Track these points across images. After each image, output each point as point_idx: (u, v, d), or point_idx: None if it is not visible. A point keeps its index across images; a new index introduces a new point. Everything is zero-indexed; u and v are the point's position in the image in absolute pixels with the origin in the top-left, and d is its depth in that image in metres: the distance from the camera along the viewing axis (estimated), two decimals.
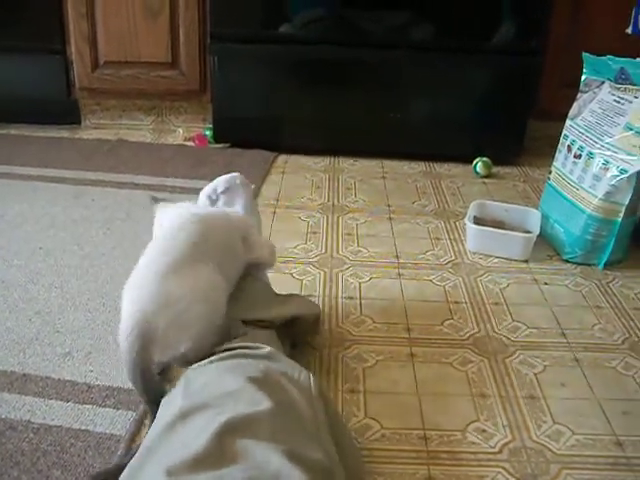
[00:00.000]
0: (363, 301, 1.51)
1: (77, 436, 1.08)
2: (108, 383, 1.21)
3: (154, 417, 1.00)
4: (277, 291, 1.35)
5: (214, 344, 1.13)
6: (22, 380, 1.22)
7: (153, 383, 1.02)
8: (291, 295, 1.42)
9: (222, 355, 1.02)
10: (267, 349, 1.06)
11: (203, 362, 1.03)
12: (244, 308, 1.19)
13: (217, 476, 0.77)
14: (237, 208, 1.40)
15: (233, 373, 0.96)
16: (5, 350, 1.30)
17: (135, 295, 1.06)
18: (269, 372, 0.98)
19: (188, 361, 1.14)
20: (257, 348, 1.06)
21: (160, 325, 1.02)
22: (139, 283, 1.07)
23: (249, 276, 1.28)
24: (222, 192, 1.41)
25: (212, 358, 1.02)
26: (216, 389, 0.93)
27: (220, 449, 0.80)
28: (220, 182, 1.43)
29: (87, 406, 1.15)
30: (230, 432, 0.82)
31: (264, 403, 0.88)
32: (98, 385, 1.21)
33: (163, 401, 1.00)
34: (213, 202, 1.41)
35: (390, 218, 1.96)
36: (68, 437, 1.08)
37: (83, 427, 1.10)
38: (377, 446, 1.10)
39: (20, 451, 1.04)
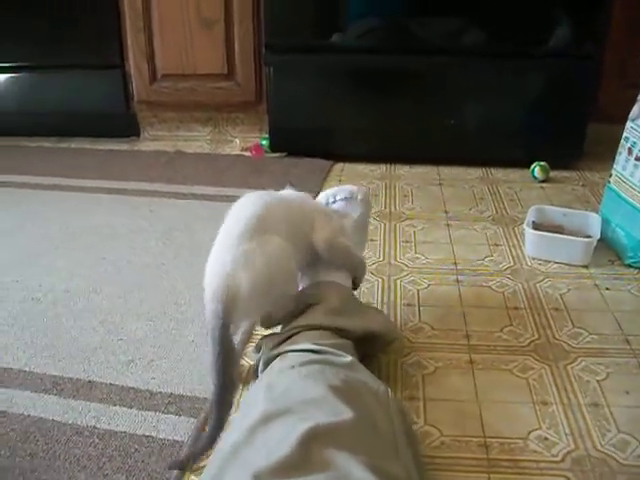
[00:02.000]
0: (421, 308, 1.51)
1: (141, 442, 1.10)
2: (170, 390, 1.23)
3: (218, 415, 1.02)
4: None
5: (291, 309, 1.19)
6: (87, 387, 1.25)
7: (232, 359, 1.05)
8: (371, 308, 1.41)
9: (304, 360, 1.03)
10: (349, 358, 1.07)
11: (285, 365, 1.04)
12: (324, 313, 1.20)
13: None
14: (349, 219, 1.41)
15: (315, 380, 0.97)
16: (71, 358, 1.33)
17: (216, 263, 1.10)
18: (350, 382, 0.99)
19: (270, 323, 1.22)
20: (340, 356, 1.07)
21: (242, 286, 1.06)
22: (217, 253, 1.12)
23: (333, 283, 1.29)
24: (341, 199, 1.42)
25: (293, 363, 1.03)
26: (298, 395, 0.94)
27: (305, 456, 0.81)
28: (343, 190, 1.44)
29: (150, 412, 1.17)
30: (314, 440, 0.83)
31: (346, 413, 0.89)
32: (160, 392, 1.23)
33: (242, 403, 1.02)
34: (329, 205, 1.43)
35: (448, 224, 1.95)
36: (132, 443, 1.10)
37: (147, 433, 1.13)
38: (437, 453, 1.09)
39: (87, 456, 1.07)
